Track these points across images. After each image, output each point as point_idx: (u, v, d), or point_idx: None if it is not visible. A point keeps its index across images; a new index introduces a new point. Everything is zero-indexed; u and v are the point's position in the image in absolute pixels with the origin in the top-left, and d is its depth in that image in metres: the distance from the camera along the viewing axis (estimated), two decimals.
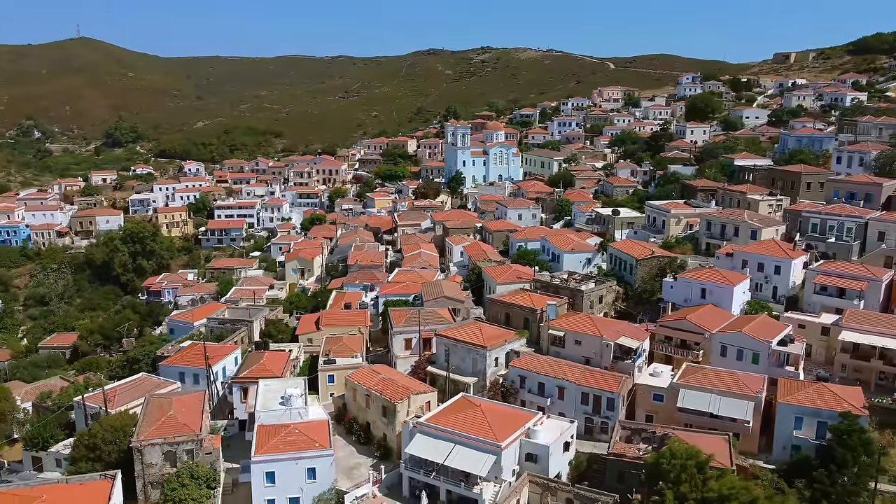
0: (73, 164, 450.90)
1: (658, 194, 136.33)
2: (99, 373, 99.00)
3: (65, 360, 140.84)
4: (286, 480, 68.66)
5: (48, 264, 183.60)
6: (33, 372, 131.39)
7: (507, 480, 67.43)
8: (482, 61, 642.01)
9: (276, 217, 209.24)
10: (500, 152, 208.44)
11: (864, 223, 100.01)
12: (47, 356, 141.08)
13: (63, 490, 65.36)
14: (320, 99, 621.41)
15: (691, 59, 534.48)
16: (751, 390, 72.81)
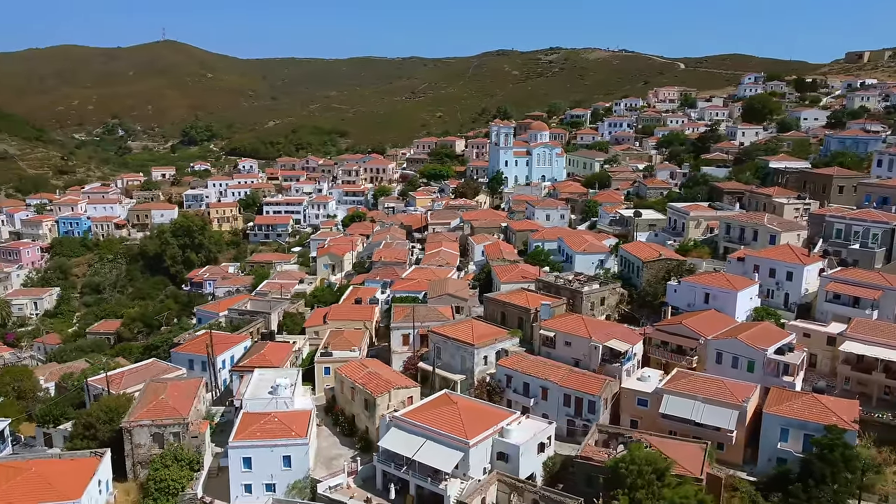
0: (150, 160, 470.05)
1: (685, 196, 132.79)
2: (106, 357, 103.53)
3: (108, 346, 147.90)
4: (262, 467, 70.55)
5: (105, 255, 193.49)
6: (77, 356, 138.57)
7: (474, 478, 67.37)
8: (550, 62, 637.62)
9: (322, 214, 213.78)
10: (543, 153, 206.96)
11: (891, 229, 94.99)
12: (92, 342, 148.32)
13: (53, 464, 69.22)
14: (387, 99, 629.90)
15: (765, 59, 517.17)
16: (736, 399, 70.45)
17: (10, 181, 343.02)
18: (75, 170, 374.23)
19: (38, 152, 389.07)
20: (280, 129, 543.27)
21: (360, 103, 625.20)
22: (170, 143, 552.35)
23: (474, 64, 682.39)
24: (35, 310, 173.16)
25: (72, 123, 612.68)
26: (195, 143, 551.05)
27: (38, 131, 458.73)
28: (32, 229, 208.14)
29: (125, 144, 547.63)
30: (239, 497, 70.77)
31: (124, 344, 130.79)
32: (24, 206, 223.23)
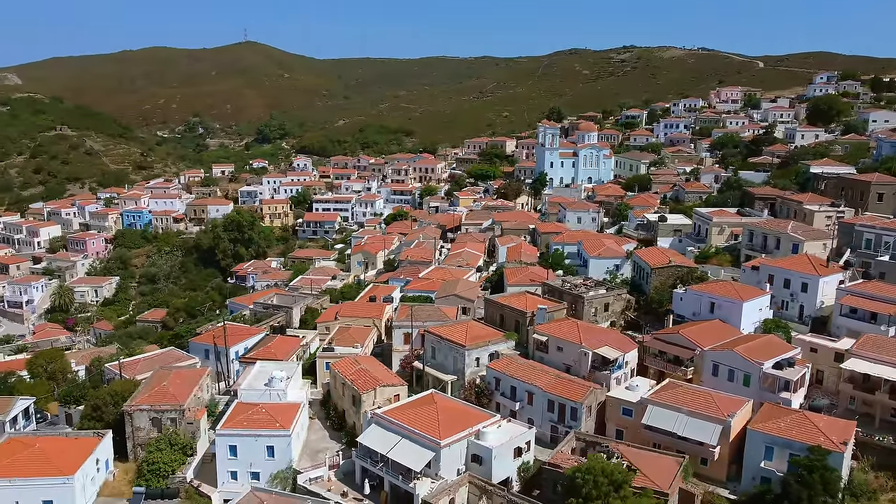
0: (224, 157, 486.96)
1: (715, 201, 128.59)
2: (116, 343, 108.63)
3: (155, 333, 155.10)
4: (247, 455, 73.19)
5: (162, 247, 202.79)
6: (125, 342, 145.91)
7: (445, 478, 67.81)
8: (622, 61, 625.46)
9: (369, 212, 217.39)
10: (589, 154, 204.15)
11: None
12: (141, 329, 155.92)
13: (57, 442, 73.88)
14: (455, 99, 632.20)
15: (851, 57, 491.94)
16: (721, 413, 68.32)
17: (93, 175, 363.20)
18: (153, 165, 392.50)
19: (121, 149, 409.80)
20: (348, 128, 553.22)
21: (428, 103, 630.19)
22: (245, 140, 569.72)
23: (544, 63, 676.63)
24: (95, 297, 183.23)
25: (157, 121, 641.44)
26: (269, 140, 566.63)
27: (122, 129, 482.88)
28: (100, 221, 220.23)
29: (203, 142, 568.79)
30: (225, 483, 73.58)
31: (165, 332, 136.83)
32: (94, 200, 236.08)
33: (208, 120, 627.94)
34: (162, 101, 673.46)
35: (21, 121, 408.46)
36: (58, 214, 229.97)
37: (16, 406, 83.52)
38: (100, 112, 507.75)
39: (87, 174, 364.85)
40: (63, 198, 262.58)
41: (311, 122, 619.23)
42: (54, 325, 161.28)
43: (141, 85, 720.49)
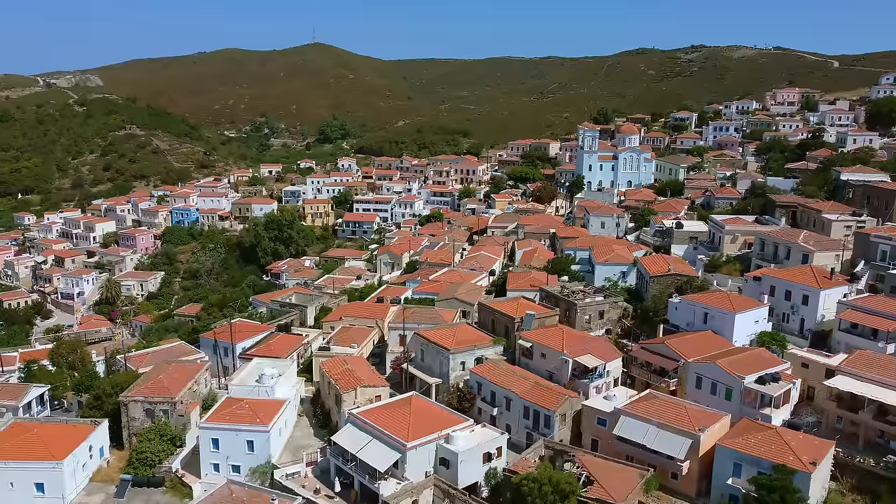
0: (285, 157, 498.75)
1: (737, 208, 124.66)
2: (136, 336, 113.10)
3: (190, 327, 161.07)
4: (228, 448, 75.68)
5: (207, 243, 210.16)
6: (160, 334, 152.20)
7: (410, 480, 68.70)
8: (689, 60, 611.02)
9: (408, 213, 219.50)
10: (629, 157, 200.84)
11: None
12: (177, 322, 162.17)
13: (55, 428, 78.06)
14: (516, 100, 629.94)
15: None
16: (692, 427, 66.90)
17: (158, 173, 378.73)
18: (215, 164, 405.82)
19: (185, 147, 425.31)
20: (407, 129, 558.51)
21: (489, 104, 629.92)
22: (307, 140, 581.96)
23: (607, 63, 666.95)
24: (141, 291, 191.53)
25: (225, 121, 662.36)
26: (330, 141, 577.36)
27: (190, 128, 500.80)
28: (150, 218, 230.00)
29: (267, 142, 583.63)
30: (208, 474, 76.24)
31: (196, 325, 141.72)
32: (148, 197, 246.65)
33: (274, 120, 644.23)
34: (231, 102, 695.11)
35: (95, 120, 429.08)
36: (113, 211, 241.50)
37: (30, 393, 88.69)
38: (170, 112, 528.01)
39: (152, 172, 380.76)
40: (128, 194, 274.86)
41: (372, 122, 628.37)
42: (99, 317, 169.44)
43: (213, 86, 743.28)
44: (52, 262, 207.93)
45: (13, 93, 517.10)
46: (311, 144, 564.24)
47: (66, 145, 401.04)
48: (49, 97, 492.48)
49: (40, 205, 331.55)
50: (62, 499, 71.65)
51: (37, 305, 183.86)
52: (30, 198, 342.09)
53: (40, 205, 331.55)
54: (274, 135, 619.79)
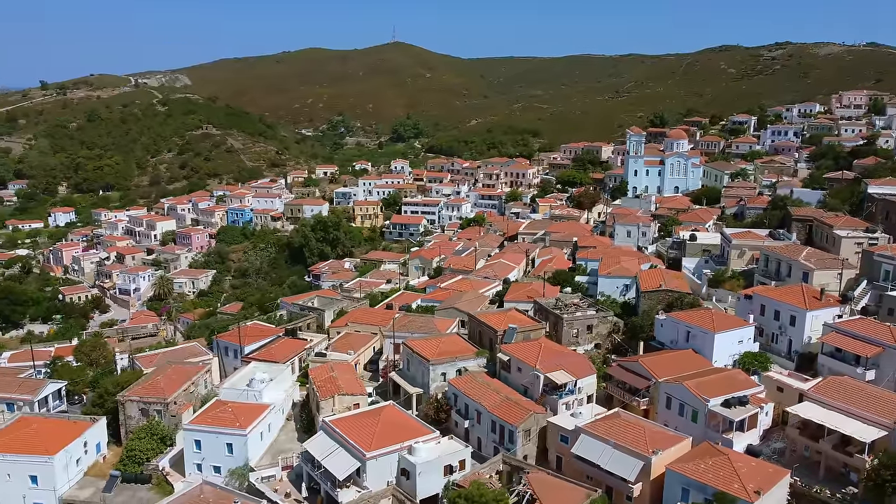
0: (356, 156, 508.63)
1: (755, 220, 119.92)
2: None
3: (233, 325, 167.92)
4: (209, 450, 79.55)
5: (258, 243, 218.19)
6: (202, 332, 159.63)
7: (370, 489, 70.65)
8: (772, 58, 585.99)
9: (455, 216, 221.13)
10: (676, 163, 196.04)
11: None
12: (221, 320, 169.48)
13: (54, 423, 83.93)
14: (590, 99, 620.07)
15: None
16: (646, 449, 66.08)
17: (231, 172, 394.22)
18: (286, 163, 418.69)
19: (258, 147, 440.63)
20: (479, 128, 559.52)
21: (562, 102, 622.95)
22: (380, 139, 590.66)
23: (686, 62, 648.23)
24: (192, 288, 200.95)
25: (304, 120, 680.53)
26: (403, 140, 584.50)
27: (266, 127, 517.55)
28: (207, 217, 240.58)
29: (341, 140, 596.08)
30: (192, 473, 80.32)
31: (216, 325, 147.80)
32: (208, 196, 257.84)
33: (350, 119, 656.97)
34: (310, 101, 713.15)
35: (174, 120, 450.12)
36: (175, 210, 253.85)
37: (46, 388, 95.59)
38: (247, 112, 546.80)
39: (225, 170, 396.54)
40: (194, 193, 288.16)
41: (445, 121, 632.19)
42: (149, 313, 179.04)
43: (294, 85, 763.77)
44: (114, 258, 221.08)
45: (104, 93, 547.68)
46: (383, 143, 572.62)
47: (146, 144, 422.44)
48: (135, 97, 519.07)
49: (119, 201, 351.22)
50: (54, 491, 77.09)
51: (96, 300, 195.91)
52: (109, 194, 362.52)
53: (119, 201, 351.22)
54: (349, 133, 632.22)
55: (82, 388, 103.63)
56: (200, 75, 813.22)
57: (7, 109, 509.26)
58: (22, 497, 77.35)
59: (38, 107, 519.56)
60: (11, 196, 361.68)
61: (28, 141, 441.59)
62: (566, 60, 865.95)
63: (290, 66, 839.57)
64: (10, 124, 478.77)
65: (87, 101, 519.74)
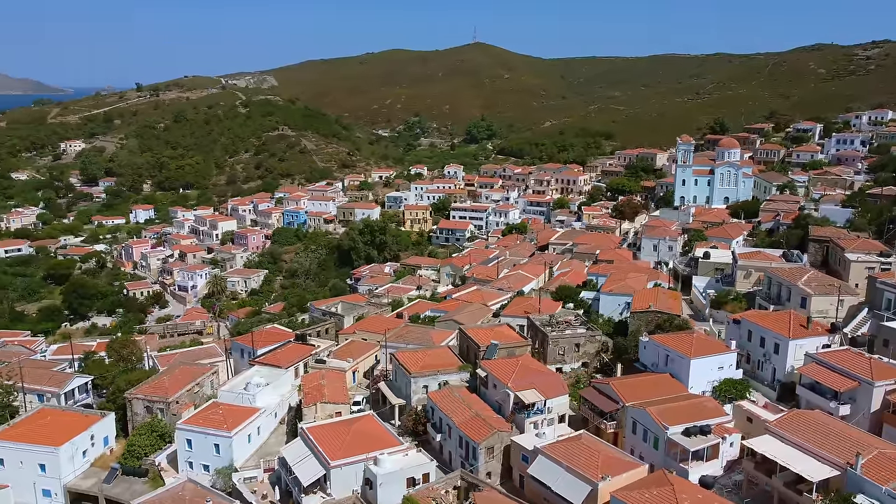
0: (427, 157, 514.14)
1: (775, 240, 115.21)
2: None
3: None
4: (199, 449, 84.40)
5: (309, 245, 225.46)
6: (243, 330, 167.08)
7: (333, 497, 73.61)
8: (867, 58, 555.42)
9: (502, 222, 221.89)
10: (726, 172, 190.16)
11: None
12: (266, 318, 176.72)
13: (67, 416, 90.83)
14: (669, 100, 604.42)
15: None
16: (596, 474, 66.16)
17: (303, 172, 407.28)
18: (356, 164, 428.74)
19: (331, 148, 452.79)
20: (553, 130, 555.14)
21: (640, 104, 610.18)
22: (453, 140, 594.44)
23: (772, 62, 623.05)
24: (245, 287, 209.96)
25: (381, 121, 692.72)
26: (476, 141, 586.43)
27: (342, 128, 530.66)
28: (265, 219, 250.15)
29: (415, 141, 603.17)
30: (185, 471, 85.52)
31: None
32: (268, 198, 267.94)
33: (426, 120, 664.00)
34: (388, 102, 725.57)
35: (252, 121, 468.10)
36: (237, 210, 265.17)
37: (73, 382, 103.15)
38: (325, 113, 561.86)
39: (297, 171, 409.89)
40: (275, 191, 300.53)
41: (520, 123, 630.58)
42: (200, 310, 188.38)
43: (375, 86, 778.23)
44: (177, 256, 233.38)
45: (193, 94, 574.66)
46: (455, 145, 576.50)
47: (225, 144, 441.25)
48: (220, 98, 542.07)
49: (196, 200, 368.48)
50: (59, 479, 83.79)
51: (156, 295, 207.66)
52: (188, 193, 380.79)
53: (196, 200, 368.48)
54: (424, 135, 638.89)
55: (108, 382, 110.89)
56: (287, 76, 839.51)
57: (105, 110, 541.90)
58: (32, 483, 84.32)
59: (133, 108, 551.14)
60: (100, 193, 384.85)
61: (120, 140, 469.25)
62: (649, 60, 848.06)
63: (372, 67, 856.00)
64: (107, 124, 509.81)
65: (177, 103, 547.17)
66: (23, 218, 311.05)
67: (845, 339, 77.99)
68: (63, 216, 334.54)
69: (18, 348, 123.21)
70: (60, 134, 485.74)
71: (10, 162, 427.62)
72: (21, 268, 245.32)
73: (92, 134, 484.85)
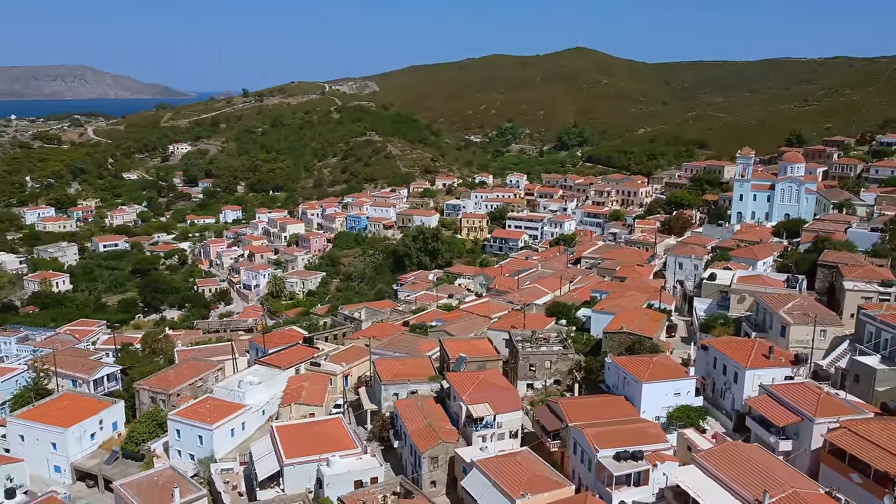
0: (513, 164, 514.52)
1: (784, 264, 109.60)
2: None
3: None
4: (186, 439, 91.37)
5: (367, 249, 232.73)
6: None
7: (286, 493, 78.26)
8: None
9: (557, 233, 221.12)
10: (787, 188, 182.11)
11: None
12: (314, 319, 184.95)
13: (85, 401, 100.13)
14: (773, 107, 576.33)
15: None
16: (516, 491, 67.50)
17: (386, 177, 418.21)
18: (439, 170, 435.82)
19: (415, 153, 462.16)
20: (644, 138, 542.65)
21: (742, 111, 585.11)
22: (542, 147, 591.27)
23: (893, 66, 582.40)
24: (302, 288, 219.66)
25: (475, 126, 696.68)
26: (566, 148, 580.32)
27: (431, 134, 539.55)
28: (329, 223, 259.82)
29: (504, 147, 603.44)
30: (174, 458, 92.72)
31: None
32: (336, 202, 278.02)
33: (519, 126, 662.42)
34: (483, 107, 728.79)
35: (343, 127, 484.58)
36: (305, 214, 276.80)
37: (102, 370, 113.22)
38: (415, 119, 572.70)
39: (381, 175, 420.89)
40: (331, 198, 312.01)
41: (613, 129, 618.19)
42: (257, 308, 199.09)
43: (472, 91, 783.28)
44: (247, 256, 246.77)
45: (294, 99, 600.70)
46: (544, 151, 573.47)
47: (315, 149, 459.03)
48: (318, 104, 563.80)
49: (283, 202, 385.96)
50: (66, 457, 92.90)
51: (223, 293, 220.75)
52: (277, 195, 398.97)
53: (283, 202, 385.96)
54: (515, 140, 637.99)
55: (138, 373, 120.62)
56: (388, 82, 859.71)
57: (212, 115, 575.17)
58: (45, 459, 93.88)
59: (238, 112, 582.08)
60: (198, 193, 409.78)
61: (221, 144, 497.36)
62: (761, 65, 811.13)
63: (471, 72, 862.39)
64: (213, 128, 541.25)
65: (279, 108, 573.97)
66: (124, 215, 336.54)
67: (809, 372, 75.11)
68: (161, 214, 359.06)
69: (67, 337, 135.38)
70: (170, 137, 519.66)
71: (124, 162, 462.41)
72: (114, 261, 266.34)
73: (198, 137, 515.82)
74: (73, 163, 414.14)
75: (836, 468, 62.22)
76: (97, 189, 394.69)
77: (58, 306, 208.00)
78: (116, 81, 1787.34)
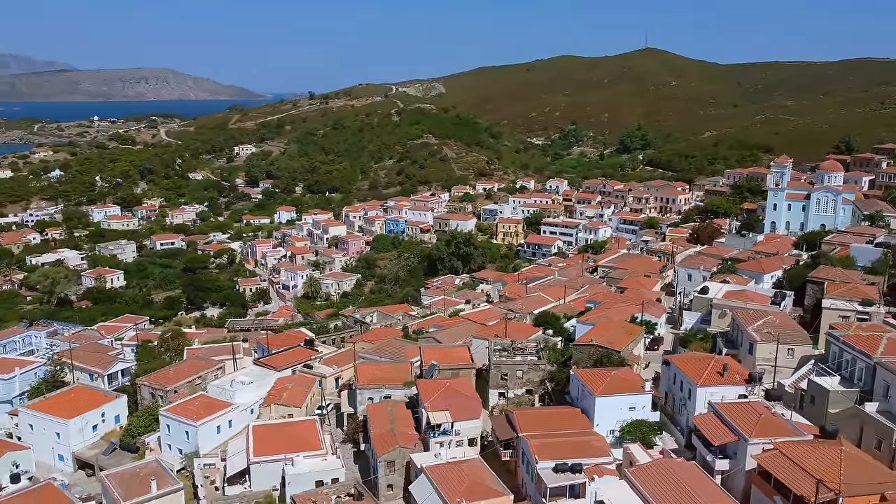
0: (570, 167, 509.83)
1: (780, 280, 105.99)
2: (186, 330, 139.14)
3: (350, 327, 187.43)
4: (175, 434, 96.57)
5: (403, 252, 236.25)
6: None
7: (251, 489, 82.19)
8: None
9: (591, 239, 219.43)
10: (823, 198, 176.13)
11: (873, 366, 70.06)
12: (343, 320, 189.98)
13: (92, 395, 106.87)
14: (847, 110, 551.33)
15: None
16: (453, 498, 69.15)
17: (440, 180, 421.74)
18: (493, 173, 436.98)
19: (471, 156, 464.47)
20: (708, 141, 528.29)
21: (814, 113, 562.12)
22: (603, 150, 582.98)
23: None
24: (337, 289, 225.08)
25: (538, 129, 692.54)
26: (628, 151, 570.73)
27: (491, 136, 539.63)
28: (369, 226, 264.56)
29: (564, 151, 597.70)
30: (166, 451, 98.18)
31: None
32: (378, 206, 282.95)
33: (582, 128, 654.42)
34: (547, 109, 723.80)
35: (401, 129, 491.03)
36: (348, 217, 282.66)
37: (115, 365, 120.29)
38: (476, 121, 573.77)
39: (435, 178, 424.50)
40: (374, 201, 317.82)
41: (678, 132, 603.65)
42: (290, 308, 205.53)
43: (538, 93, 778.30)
44: (289, 256, 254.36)
45: (357, 102, 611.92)
46: (605, 155, 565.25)
47: (372, 151, 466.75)
48: (380, 107, 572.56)
49: (339, 203, 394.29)
50: (69, 447, 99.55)
51: (262, 292, 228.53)
52: (333, 196, 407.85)
53: (339, 203, 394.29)
54: (578, 143, 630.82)
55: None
56: (455, 83, 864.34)
57: (278, 117, 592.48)
58: (51, 448, 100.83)
59: (303, 115, 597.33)
60: (258, 194, 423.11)
61: (284, 145, 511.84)
62: (840, 65, 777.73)
63: (538, 74, 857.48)
64: (277, 130, 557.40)
65: (343, 110, 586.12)
66: (184, 214, 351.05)
67: (758, 391, 73.86)
68: (220, 214, 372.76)
69: (92, 332, 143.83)
70: (237, 138, 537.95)
71: (191, 163, 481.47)
72: (168, 259, 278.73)
73: (262, 139, 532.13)
74: (141, 163, 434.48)
75: (763, 490, 61.45)
76: (162, 189, 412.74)
77: (109, 302, 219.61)
78: (197, 83, 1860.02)
